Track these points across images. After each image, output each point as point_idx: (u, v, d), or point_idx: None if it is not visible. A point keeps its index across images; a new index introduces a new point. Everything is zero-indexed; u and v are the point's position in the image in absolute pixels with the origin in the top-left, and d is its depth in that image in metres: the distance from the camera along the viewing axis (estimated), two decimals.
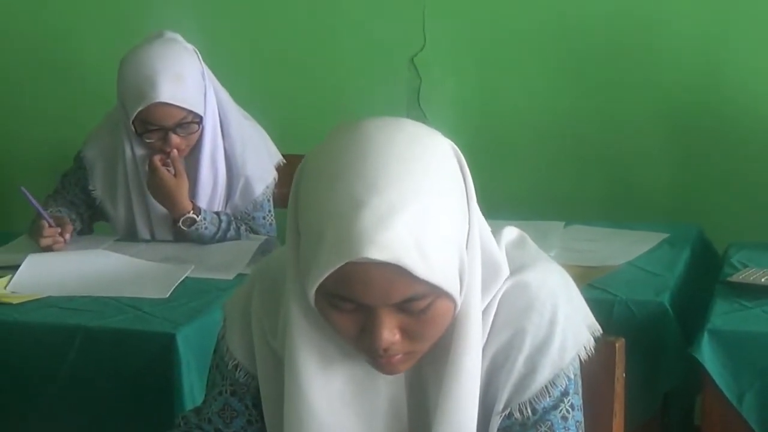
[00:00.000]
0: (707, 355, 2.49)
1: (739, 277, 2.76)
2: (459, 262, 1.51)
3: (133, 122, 3.11)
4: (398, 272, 1.42)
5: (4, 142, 4.36)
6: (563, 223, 3.34)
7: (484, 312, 1.60)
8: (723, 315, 2.59)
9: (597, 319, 1.87)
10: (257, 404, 1.74)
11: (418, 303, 1.47)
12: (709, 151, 3.76)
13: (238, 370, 1.73)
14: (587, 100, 3.86)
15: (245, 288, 1.76)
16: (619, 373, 1.97)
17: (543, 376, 1.61)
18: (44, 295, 2.74)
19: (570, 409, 1.64)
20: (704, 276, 3.00)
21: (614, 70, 3.82)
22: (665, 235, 3.18)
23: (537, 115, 3.91)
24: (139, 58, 3.10)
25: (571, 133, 3.88)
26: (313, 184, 1.48)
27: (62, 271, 2.88)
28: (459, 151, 1.56)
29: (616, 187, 3.85)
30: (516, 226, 3.22)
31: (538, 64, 3.90)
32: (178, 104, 3.07)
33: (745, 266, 2.86)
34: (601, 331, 1.70)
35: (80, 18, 4.23)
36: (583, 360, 1.66)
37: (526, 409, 1.61)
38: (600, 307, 2.62)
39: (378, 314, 1.48)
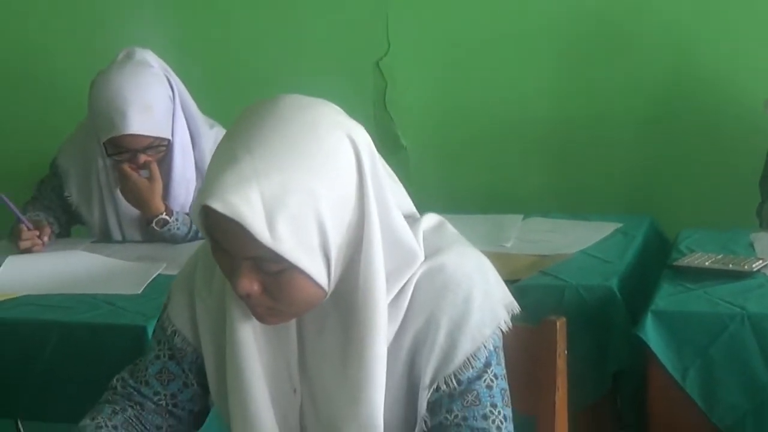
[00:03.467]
0: (651, 335, 2.58)
1: (684, 262, 2.86)
2: (324, 243, 1.59)
3: (103, 143, 3.22)
4: (244, 231, 1.53)
5: None
6: (522, 216, 3.44)
7: (399, 295, 1.69)
8: (667, 297, 2.68)
9: (548, 304, 1.98)
10: (192, 369, 1.85)
11: (269, 265, 1.58)
12: (663, 146, 3.88)
13: (177, 335, 1.84)
14: (544, 101, 3.98)
15: (190, 262, 1.88)
16: (561, 350, 2.03)
17: (464, 350, 1.69)
18: (22, 294, 2.83)
19: (494, 378, 1.73)
20: (654, 262, 3.10)
21: (569, 72, 3.95)
22: (618, 225, 3.29)
23: (497, 114, 4.03)
24: (110, 85, 3.19)
25: (530, 132, 4.00)
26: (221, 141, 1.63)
27: (40, 271, 2.99)
28: (364, 145, 1.62)
29: (573, 182, 3.97)
30: (476, 219, 3.38)
31: (497, 66, 4.02)
32: (146, 134, 3.19)
33: (692, 251, 2.95)
34: (519, 309, 1.78)
35: (54, 32, 4.34)
36: (504, 332, 1.74)
37: (452, 380, 1.70)
38: (551, 292, 2.80)
39: (238, 263, 1.60)
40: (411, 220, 1.76)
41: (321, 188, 1.57)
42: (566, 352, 2.05)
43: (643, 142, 3.92)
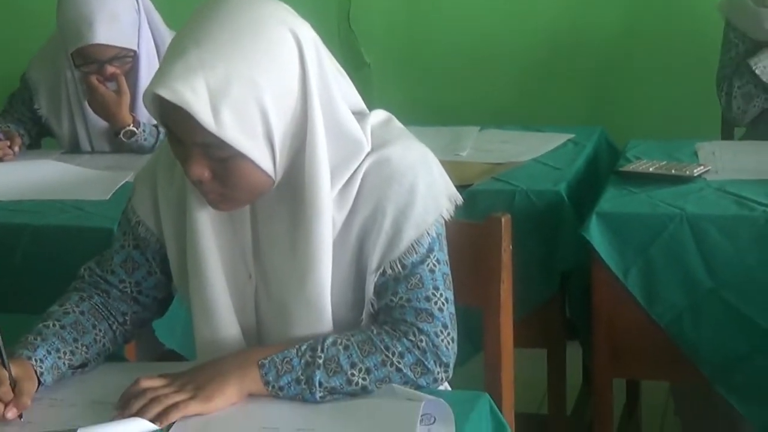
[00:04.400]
0: (595, 235, 2.67)
1: (629, 167, 2.96)
2: (267, 131, 1.70)
3: (71, 54, 3.30)
4: (190, 118, 1.65)
5: None
6: (479, 128, 3.52)
7: (348, 184, 1.80)
8: (612, 200, 2.77)
9: (499, 208, 2.08)
10: (156, 258, 1.96)
11: (215, 151, 1.70)
12: (613, 60, 3.99)
13: (141, 225, 1.95)
14: (503, 16, 4.07)
15: (153, 157, 1.99)
16: (506, 245, 2.12)
17: (408, 235, 1.80)
18: None
19: (436, 263, 1.84)
20: (604, 171, 3.21)
21: None
22: (571, 136, 3.37)
23: (457, 33, 4.13)
24: None
25: (489, 48, 4.10)
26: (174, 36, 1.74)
27: (10, 178, 3.07)
28: (307, 40, 1.73)
29: (529, 96, 4.07)
30: (434, 131, 3.46)
31: None
32: (112, 44, 3.26)
33: (639, 159, 3.04)
34: (462, 201, 1.88)
35: None
36: (447, 220, 1.85)
37: (397, 265, 1.81)
38: (502, 197, 2.90)
39: (189, 150, 1.72)
40: (359, 116, 1.85)
41: (263, 79, 1.68)
42: (511, 247, 2.13)
43: (598, 55, 4.02)
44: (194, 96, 1.64)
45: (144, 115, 3.38)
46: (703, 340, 2.66)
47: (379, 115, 1.91)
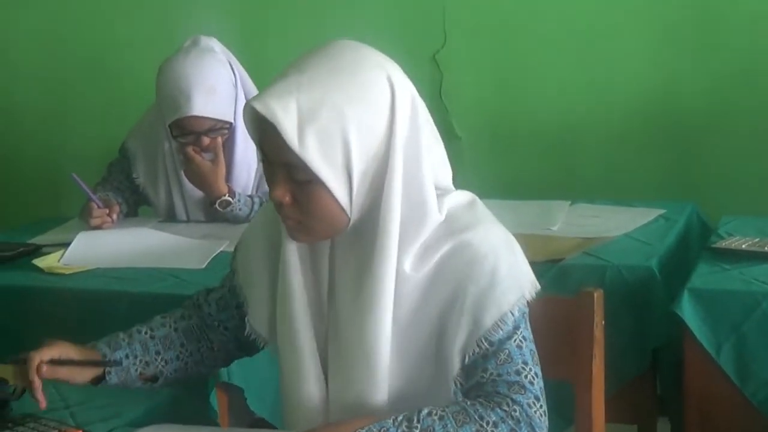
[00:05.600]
0: (687, 311, 2.67)
1: (722, 244, 2.96)
2: (347, 163, 1.76)
3: (169, 126, 3.38)
4: (277, 135, 1.72)
5: (57, 137, 4.68)
6: (569, 202, 3.54)
7: (424, 257, 1.84)
8: (704, 276, 2.78)
9: (590, 283, 2.10)
10: (238, 313, 2.06)
11: (297, 173, 1.77)
12: (704, 136, 3.98)
13: (236, 274, 2.06)
14: (594, 93, 4.10)
15: (254, 219, 2.10)
16: (598, 320, 2.13)
17: (491, 314, 1.83)
18: (93, 267, 2.98)
19: (523, 340, 1.86)
20: (695, 247, 3.21)
21: (619, 66, 4.07)
22: (661, 211, 3.38)
23: (547, 107, 4.15)
24: (176, 70, 3.35)
25: (580, 123, 4.11)
26: None
27: (109, 246, 3.13)
28: (403, 89, 1.80)
29: (619, 170, 4.07)
30: (525, 205, 3.48)
31: (549, 60, 4.14)
32: (209, 116, 3.34)
33: (731, 235, 3.04)
34: (540, 287, 1.90)
35: (125, 26, 4.53)
36: (529, 302, 1.87)
37: (483, 343, 1.83)
38: (594, 271, 2.90)
39: (275, 172, 1.79)
40: (441, 191, 1.89)
41: (352, 112, 1.75)
42: (603, 322, 2.14)
43: (688, 129, 4.02)
44: (284, 113, 1.73)
45: (239, 185, 3.45)
46: None
47: (463, 195, 1.94)
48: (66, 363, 2.00)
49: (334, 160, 1.76)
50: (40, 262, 3.01)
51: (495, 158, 4.17)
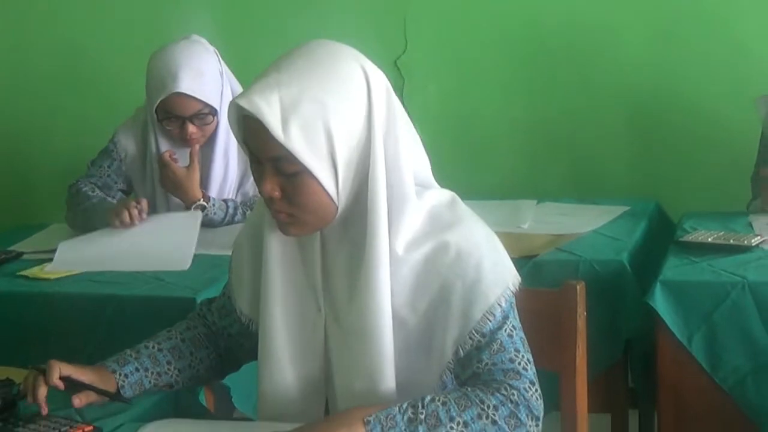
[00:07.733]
0: (660, 303, 2.76)
1: (689, 238, 3.06)
2: (332, 152, 1.83)
3: (156, 110, 3.39)
4: (262, 130, 1.80)
5: (29, 143, 4.63)
6: (536, 201, 3.64)
7: (410, 249, 1.90)
8: (674, 268, 2.86)
9: (564, 277, 2.17)
10: (238, 321, 2.12)
11: (285, 165, 1.84)
12: (664, 137, 4.07)
13: (232, 278, 2.13)
14: (555, 97, 4.17)
15: (249, 218, 2.16)
16: (581, 311, 2.21)
17: (480, 307, 1.90)
18: (78, 272, 3.00)
19: (513, 329, 1.94)
20: (660, 240, 3.30)
21: (578, 70, 4.14)
22: (626, 208, 3.50)
23: (511, 109, 4.22)
24: (165, 54, 3.39)
25: (542, 126, 4.19)
26: None
27: (92, 250, 3.14)
28: (377, 79, 1.88)
29: (582, 170, 4.16)
30: (493, 205, 3.54)
31: (510, 66, 4.21)
32: (195, 96, 3.35)
33: (695, 230, 3.14)
34: (521, 281, 1.97)
35: (98, 34, 4.49)
36: (514, 293, 1.94)
37: (475, 334, 1.90)
38: (567, 266, 2.98)
39: (264, 168, 1.86)
40: (422, 187, 1.96)
41: (332, 103, 1.82)
42: (585, 314, 2.22)
43: (646, 136, 4.11)
44: (268, 108, 1.80)
45: (214, 190, 3.48)
46: (766, 403, 2.72)
47: (445, 194, 2.00)
48: (77, 383, 2.04)
49: (318, 150, 1.83)
50: (28, 273, 3.02)
51: (460, 160, 4.22)
